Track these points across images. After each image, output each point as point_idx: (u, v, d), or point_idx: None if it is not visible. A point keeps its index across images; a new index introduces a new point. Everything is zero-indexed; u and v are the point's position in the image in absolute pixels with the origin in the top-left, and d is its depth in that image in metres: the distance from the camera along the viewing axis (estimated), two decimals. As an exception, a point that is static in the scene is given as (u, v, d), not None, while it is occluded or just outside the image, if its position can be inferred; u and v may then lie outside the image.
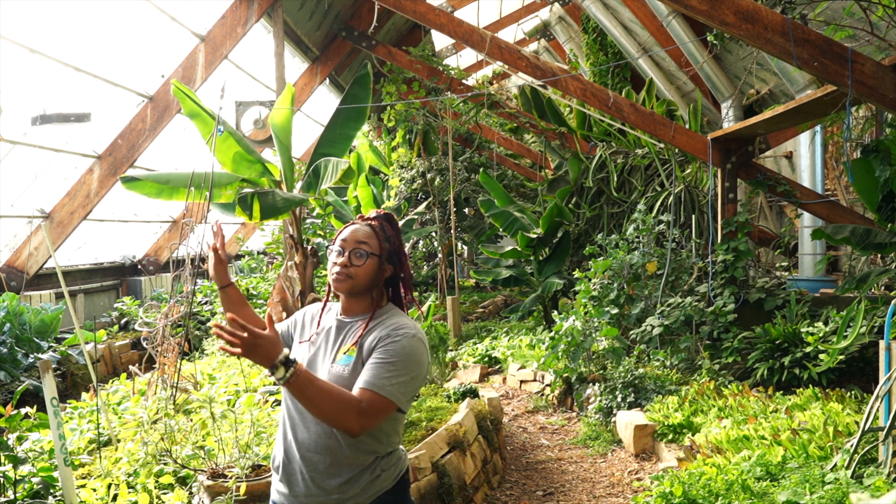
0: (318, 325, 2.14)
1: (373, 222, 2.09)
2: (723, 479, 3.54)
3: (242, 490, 2.89)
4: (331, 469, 1.96)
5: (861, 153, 4.84)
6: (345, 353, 2.00)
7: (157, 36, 7.60)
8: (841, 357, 5.17)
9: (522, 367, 7.59)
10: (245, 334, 1.69)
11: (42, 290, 7.95)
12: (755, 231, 9.13)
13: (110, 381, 5.96)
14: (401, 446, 2.12)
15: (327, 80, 11.61)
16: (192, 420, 3.76)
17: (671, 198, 8.45)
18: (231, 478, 2.98)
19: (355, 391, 1.88)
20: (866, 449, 3.43)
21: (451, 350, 8.70)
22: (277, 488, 2.07)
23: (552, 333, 6.58)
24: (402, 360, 1.92)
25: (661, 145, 9.29)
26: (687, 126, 9.13)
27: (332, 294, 2.17)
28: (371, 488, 1.98)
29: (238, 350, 1.70)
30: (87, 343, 6.60)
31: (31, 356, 6.45)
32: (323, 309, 2.17)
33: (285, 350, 1.76)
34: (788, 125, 6.37)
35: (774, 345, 5.77)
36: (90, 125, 6.89)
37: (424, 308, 6.50)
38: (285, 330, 2.23)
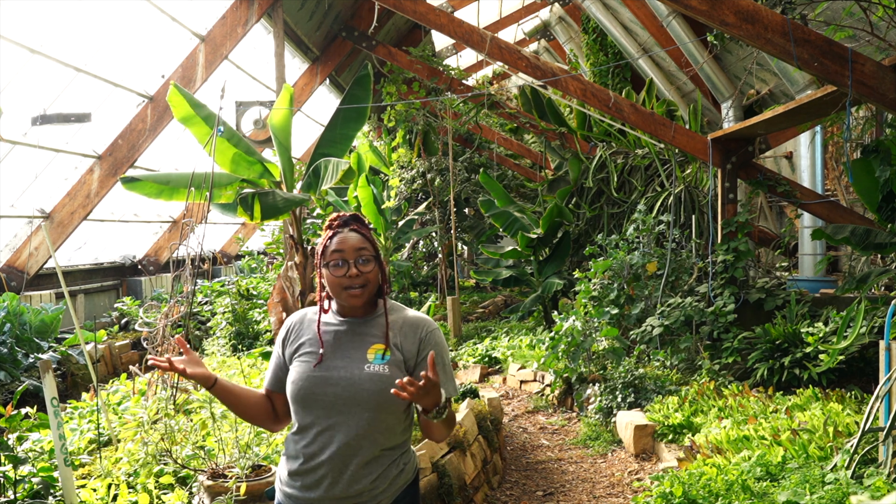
0: (321, 337, 2.05)
1: (354, 226, 2.06)
2: (723, 479, 3.55)
3: (242, 490, 2.89)
4: (366, 467, 1.97)
5: (861, 153, 4.83)
6: (375, 354, 1.99)
7: (157, 36, 7.61)
8: (841, 357, 5.17)
9: (522, 367, 7.59)
10: (422, 383, 1.84)
11: (42, 290, 7.96)
12: (755, 231, 9.13)
13: (110, 381, 5.95)
14: None
15: (327, 81, 11.61)
16: (192, 420, 3.76)
17: (671, 198, 8.45)
18: (231, 478, 2.98)
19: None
20: (866, 449, 3.43)
21: (452, 350, 8.70)
22: (290, 492, 2.00)
23: (552, 333, 6.58)
24: (445, 353, 2.10)
25: (661, 145, 9.29)
26: (687, 126, 9.13)
27: (328, 302, 2.10)
28: (398, 481, 2.02)
29: (427, 395, 1.86)
30: (87, 343, 6.59)
31: (32, 356, 6.45)
32: (319, 318, 2.08)
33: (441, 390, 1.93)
34: (788, 125, 6.37)
35: (774, 345, 5.77)
36: (90, 125, 6.90)
37: (424, 308, 6.49)
38: (282, 363, 2.12)
